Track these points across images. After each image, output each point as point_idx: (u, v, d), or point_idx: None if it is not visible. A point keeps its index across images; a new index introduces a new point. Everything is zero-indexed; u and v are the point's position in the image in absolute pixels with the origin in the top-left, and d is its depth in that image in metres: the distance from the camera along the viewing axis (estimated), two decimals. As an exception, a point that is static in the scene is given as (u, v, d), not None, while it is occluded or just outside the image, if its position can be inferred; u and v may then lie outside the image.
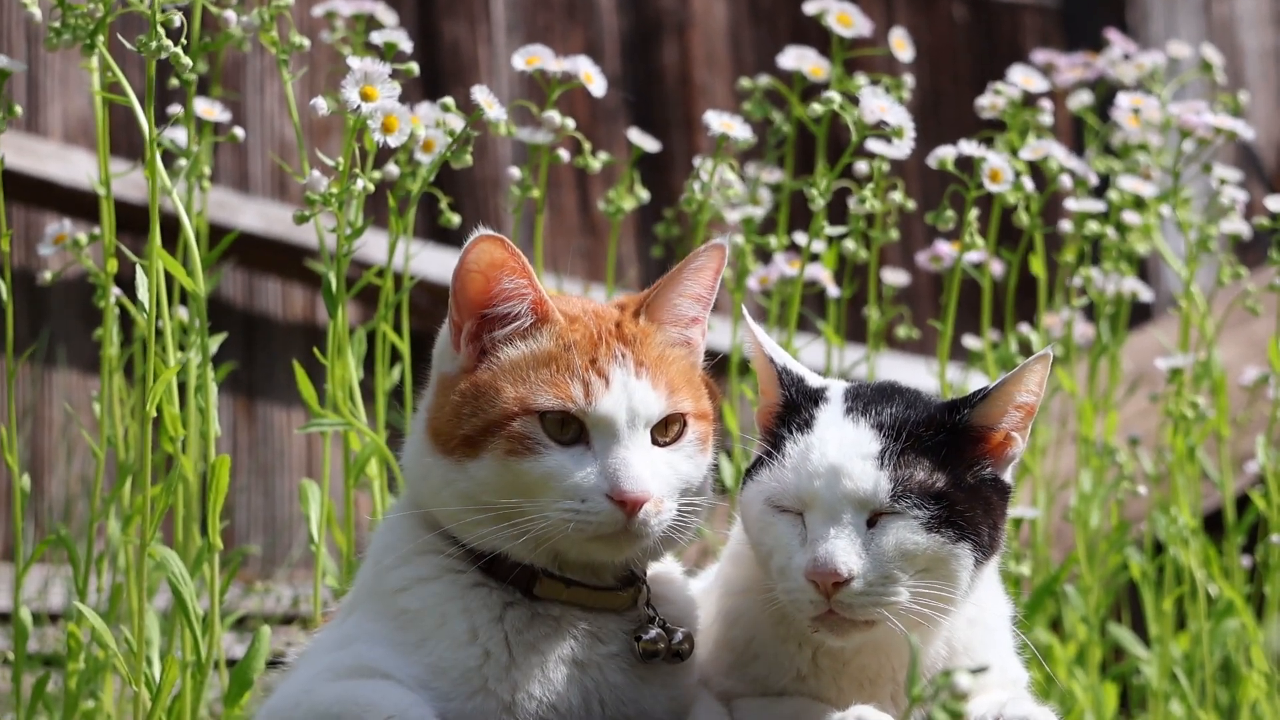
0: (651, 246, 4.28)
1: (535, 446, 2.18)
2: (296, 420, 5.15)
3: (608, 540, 2.19)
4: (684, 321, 2.30)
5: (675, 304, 2.29)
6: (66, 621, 2.97)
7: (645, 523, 2.18)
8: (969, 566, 2.22)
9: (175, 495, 2.62)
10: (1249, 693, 3.48)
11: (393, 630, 2.23)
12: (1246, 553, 3.85)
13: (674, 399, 2.23)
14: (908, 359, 5.62)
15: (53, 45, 2.56)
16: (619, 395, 2.20)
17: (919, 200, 3.54)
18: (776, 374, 2.31)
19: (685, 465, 2.24)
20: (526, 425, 2.18)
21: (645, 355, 2.24)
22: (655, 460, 2.21)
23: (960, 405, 2.25)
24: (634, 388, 2.20)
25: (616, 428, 2.19)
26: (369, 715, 2.12)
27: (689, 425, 2.25)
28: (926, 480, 2.20)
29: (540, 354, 2.22)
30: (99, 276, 2.89)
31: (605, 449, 2.19)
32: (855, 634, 2.21)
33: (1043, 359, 2.25)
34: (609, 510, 2.16)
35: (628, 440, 2.19)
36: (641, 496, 2.16)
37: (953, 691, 1.59)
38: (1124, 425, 4.33)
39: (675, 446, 2.24)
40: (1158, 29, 6.66)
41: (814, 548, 2.18)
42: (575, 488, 2.17)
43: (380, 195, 2.93)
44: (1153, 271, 6.24)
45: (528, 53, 3.03)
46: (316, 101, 2.65)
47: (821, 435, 2.23)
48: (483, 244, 2.25)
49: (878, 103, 2.83)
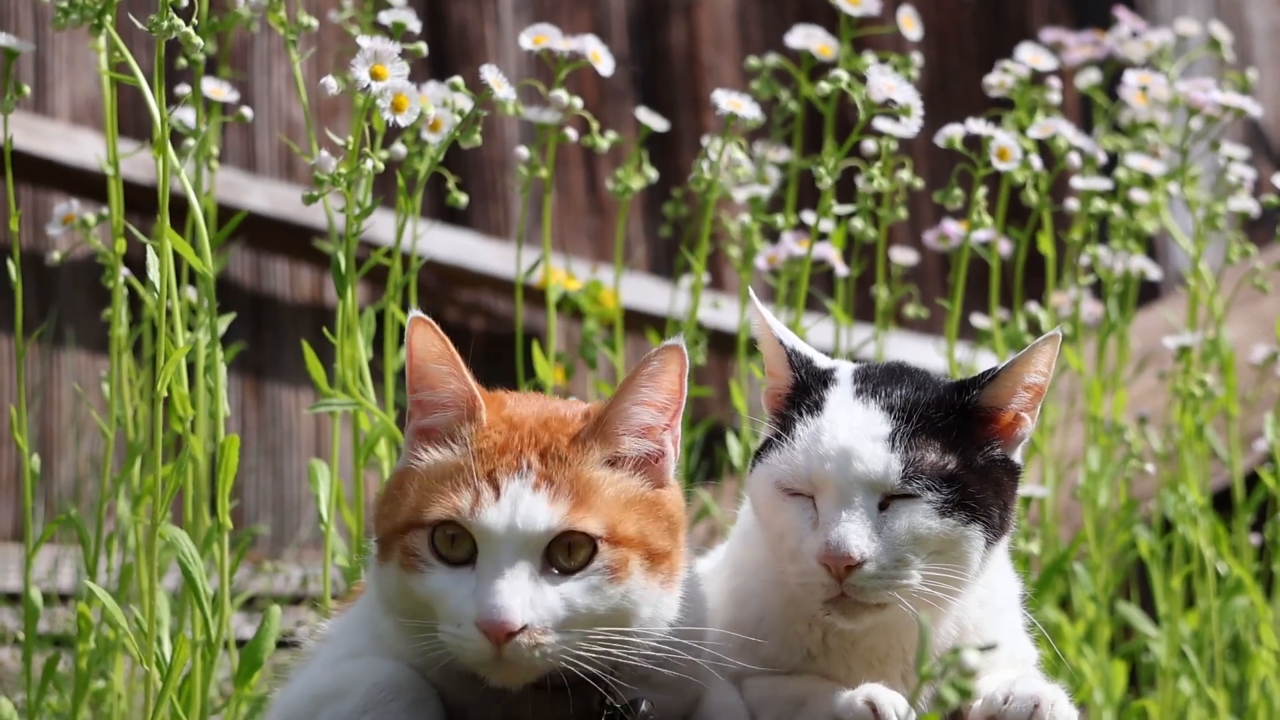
0: (659, 226, 4.28)
1: (420, 565, 2.07)
2: (305, 400, 5.15)
3: (494, 667, 2.06)
4: (643, 431, 2.15)
5: (631, 414, 2.14)
6: (77, 601, 2.97)
7: (520, 654, 2.02)
8: (980, 548, 2.22)
9: (185, 475, 2.62)
10: (1258, 670, 3.48)
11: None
12: (1255, 530, 3.86)
13: (574, 516, 2.06)
14: (916, 338, 5.62)
15: (60, 25, 2.55)
16: (505, 509, 2.05)
17: (927, 179, 3.53)
18: (786, 356, 2.30)
19: (583, 597, 2.06)
20: (418, 539, 2.07)
21: (558, 471, 2.08)
22: (540, 588, 2.04)
23: (969, 386, 2.25)
24: (526, 502, 2.05)
25: (497, 546, 2.04)
26: (360, 686, 2.14)
27: (599, 551, 2.07)
28: (938, 462, 2.20)
29: (448, 461, 2.11)
30: (107, 257, 2.89)
31: (484, 571, 2.04)
32: (867, 616, 2.21)
33: (1052, 339, 2.25)
34: (478, 638, 2.03)
35: (506, 561, 2.03)
36: (502, 627, 2.01)
37: (961, 669, 1.59)
38: (1132, 403, 4.32)
39: (580, 574, 2.06)
40: (1166, 7, 6.65)
41: (826, 531, 2.18)
42: (453, 613, 2.04)
43: (387, 176, 2.93)
44: (1161, 249, 6.24)
45: (535, 32, 3.03)
46: (326, 81, 2.64)
47: (832, 417, 2.23)
48: (415, 330, 2.11)
49: (886, 81, 2.83)
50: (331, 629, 2.33)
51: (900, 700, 2.17)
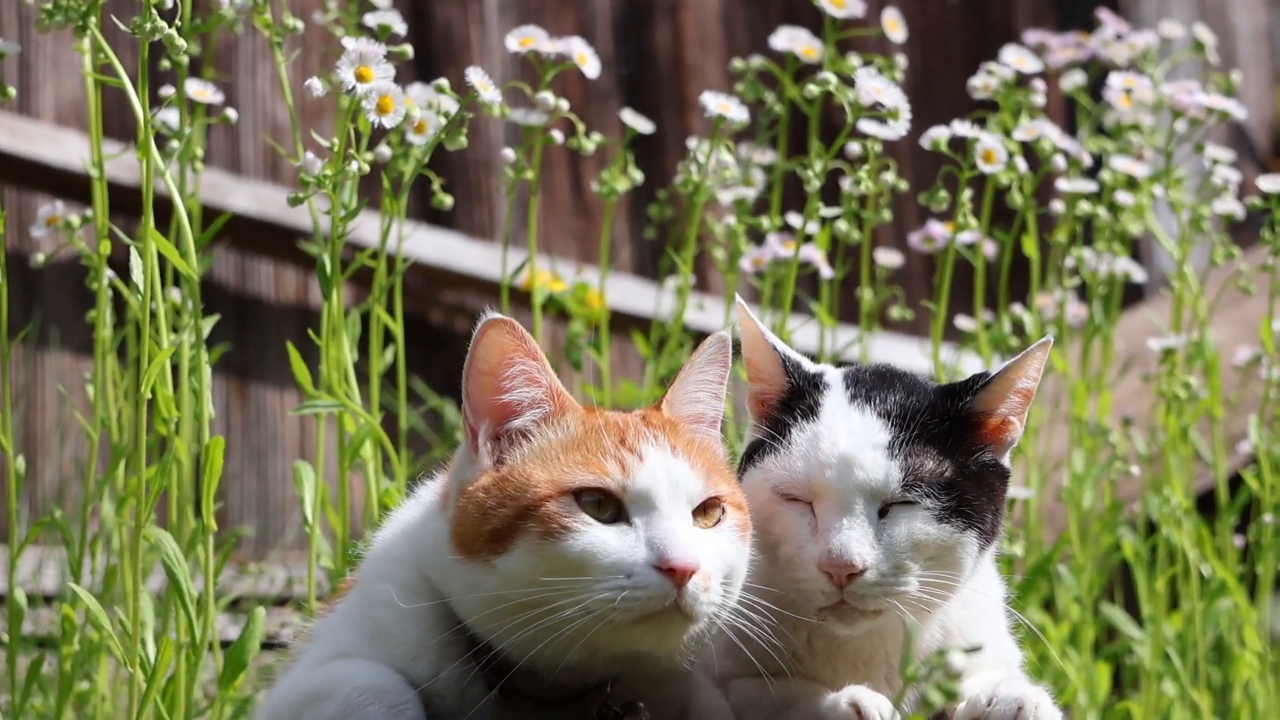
0: (645, 228, 4.27)
1: (572, 525, 2.08)
2: (289, 402, 5.15)
3: (656, 622, 2.08)
4: (704, 419, 2.24)
5: (695, 398, 2.23)
6: (61, 603, 2.97)
7: (695, 598, 2.06)
8: (974, 553, 2.24)
9: (169, 477, 2.62)
10: (1241, 672, 3.49)
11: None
12: (1239, 532, 3.86)
13: (711, 481, 2.14)
14: (900, 340, 5.62)
15: (44, 27, 2.55)
16: (657, 469, 2.11)
17: (911, 181, 3.53)
18: (780, 360, 2.30)
19: (729, 548, 2.13)
20: (562, 505, 2.09)
21: (677, 439, 2.16)
22: (701, 536, 2.11)
23: (962, 392, 2.25)
24: (671, 464, 2.12)
25: (658, 501, 2.09)
26: (341, 689, 2.14)
27: (727, 511, 2.15)
28: (936, 469, 2.21)
29: (568, 439, 2.15)
30: (92, 259, 2.88)
31: (648, 523, 2.08)
32: (863, 623, 2.22)
33: (1044, 346, 2.26)
34: (658, 582, 2.05)
35: (670, 513, 2.09)
36: (691, 565, 2.05)
37: (946, 671, 1.60)
38: (1117, 405, 4.33)
39: (717, 530, 2.13)
40: (1150, 9, 6.66)
41: (827, 539, 2.18)
42: (619, 563, 2.06)
43: (372, 177, 2.93)
44: (1145, 252, 6.24)
45: (522, 33, 3.02)
46: (312, 82, 2.64)
47: (829, 424, 2.23)
48: (490, 332, 2.15)
49: (873, 84, 2.83)
50: (318, 627, 2.33)
51: (885, 702, 2.17)
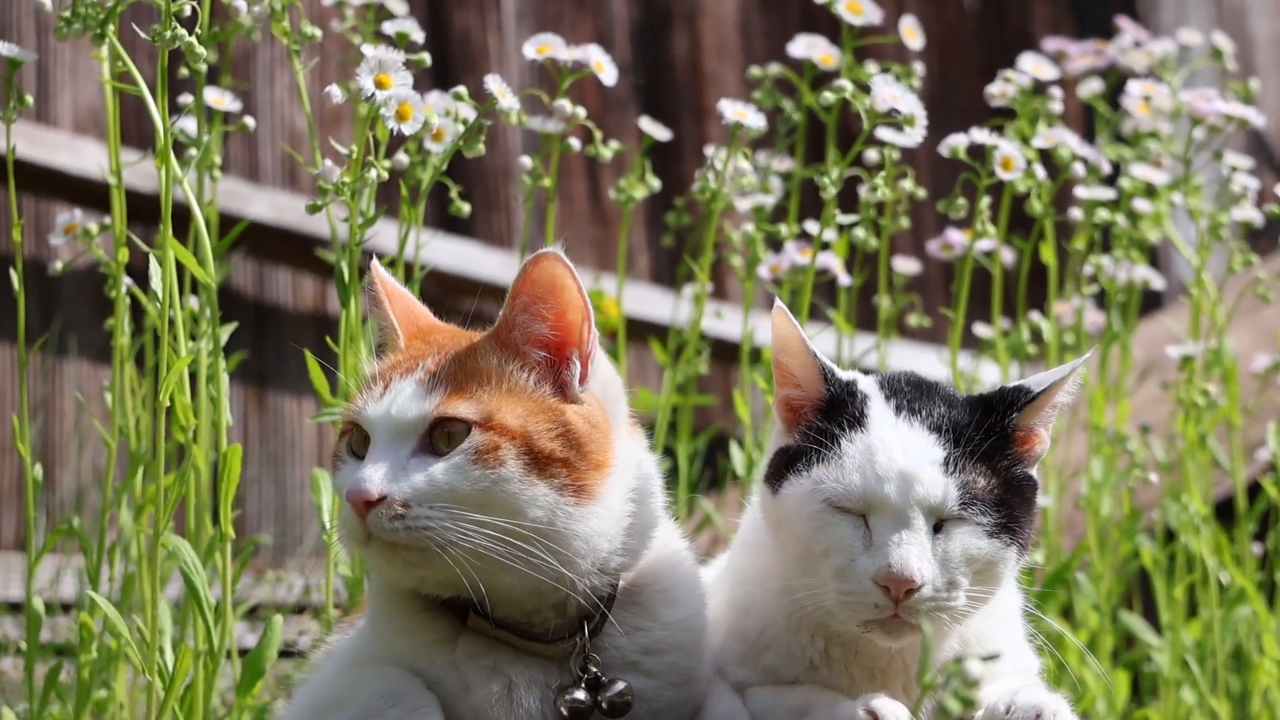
0: (662, 235, 4.27)
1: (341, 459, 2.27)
2: (307, 410, 5.15)
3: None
4: (540, 342, 2.27)
5: (519, 322, 2.27)
6: (79, 611, 2.97)
7: (382, 528, 2.13)
8: (1013, 566, 2.26)
9: (187, 485, 2.62)
10: (1260, 680, 3.48)
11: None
12: (1258, 540, 3.85)
13: (447, 404, 2.18)
14: (918, 347, 5.61)
15: (63, 35, 2.55)
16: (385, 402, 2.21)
17: (929, 188, 3.53)
18: (820, 369, 2.29)
19: (445, 475, 2.14)
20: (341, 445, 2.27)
21: (447, 370, 2.23)
22: (405, 466, 2.17)
23: (1006, 407, 2.26)
24: (404, 395, 2.22)
25: (377, 432, 2.20)
26: (358, 694, 2.16)
27: (470, 434, 2.17)
28: (987, 486, 2.22)
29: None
30: (110, 266, 2.89)
31: (370, 455, 2.19)
32: (909, 635, 2.22)
33: (1086, 362, 2.29)
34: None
35: (385, 445, 2.18)
36: (360, 496, 2.12)
37: (964, 679, 1.59)
38: (1135, 413, 4.32)
39: (450, 455, 2.15)
40: (1168, 16, 6.65)
41: (886, 553, 2.18)
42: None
43: (390, 185, 2.93)
44: (1164, 259, 6.23)
45: (539, 41, 3.02)
46: (331, 89, 2.65)
47: (881, 436, 2.22)
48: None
49: (890, 91, 2.82)
50: (339, 642, 2.34)
51: (903, 710, 2.17)
